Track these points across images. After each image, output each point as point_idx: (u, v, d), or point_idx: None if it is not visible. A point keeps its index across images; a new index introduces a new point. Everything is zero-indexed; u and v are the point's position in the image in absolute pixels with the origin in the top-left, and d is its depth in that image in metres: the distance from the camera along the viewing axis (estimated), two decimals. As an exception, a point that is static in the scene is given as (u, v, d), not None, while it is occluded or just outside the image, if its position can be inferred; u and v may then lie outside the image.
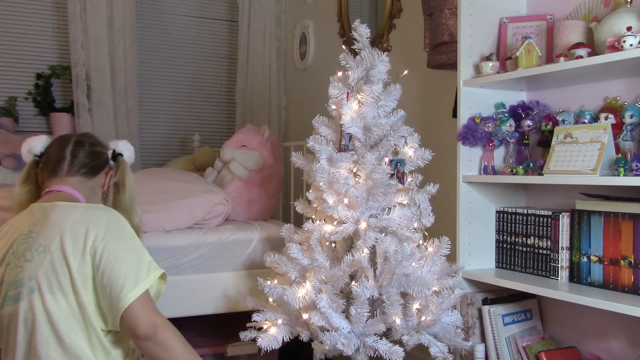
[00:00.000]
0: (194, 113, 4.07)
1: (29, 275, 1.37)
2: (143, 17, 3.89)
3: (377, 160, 1.92)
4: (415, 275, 1.89)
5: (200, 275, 2.37)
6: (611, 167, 1.67)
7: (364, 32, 1.99)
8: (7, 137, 3.27)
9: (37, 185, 1.64)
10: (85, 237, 1.39)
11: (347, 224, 1.93)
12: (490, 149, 2.05)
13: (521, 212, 1.99)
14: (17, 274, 1.39)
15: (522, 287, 1.84)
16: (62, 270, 1.37)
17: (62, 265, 1.37)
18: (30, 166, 1.65)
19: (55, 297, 1.36)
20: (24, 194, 1.62)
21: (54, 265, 1.37)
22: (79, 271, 1.37)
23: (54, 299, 1.36)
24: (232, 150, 2.90)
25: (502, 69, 2.02)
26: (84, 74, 3.50)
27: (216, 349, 2.49)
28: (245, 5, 4.00)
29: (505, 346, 1.97)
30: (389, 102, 2.02)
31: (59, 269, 1.37)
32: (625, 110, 1.72)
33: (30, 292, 1.37)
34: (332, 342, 1.79)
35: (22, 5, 3.59)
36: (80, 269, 1.37)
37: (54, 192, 1.55)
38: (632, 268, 1.66)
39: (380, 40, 2.99)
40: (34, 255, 1.39)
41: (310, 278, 1.94)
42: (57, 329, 1.36)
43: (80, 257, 1.38)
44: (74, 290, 1.37)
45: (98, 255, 1.38)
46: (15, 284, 1.39)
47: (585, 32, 1.85)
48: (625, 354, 1.82)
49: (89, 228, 1.41)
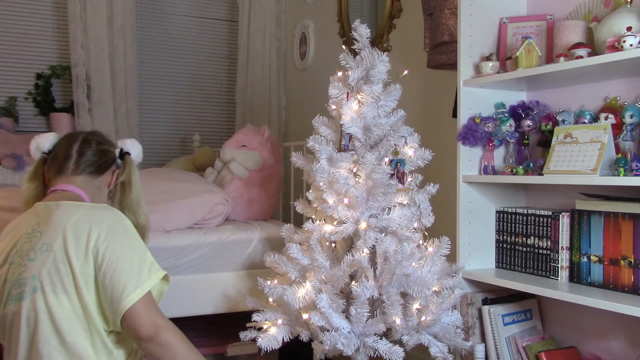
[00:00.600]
0: (194, 113, 4.07)
1: (32, 274, 1.37)
2: (143, 17, 3.89)
3: (377, 160, 1.92)
4: (415, 275, 1.89)
5: (200, 275, 2.37)
6: (611, 167, 1.67)
7: (364, 32, 1.99)
8: (7, 137, 3.27)
9: (44, 183, 1.63)
10: (88, 237, 1.39)
11: (347, 224, 1.93)
12: (490, 149, 2.05)
13: (521, 212, 1.99)
14: (21, 273, 1.39)
15: (522, 287, 1.84)
16: (64, 269, 1.37)
17: (65, 264, 1.37)
18: (37, 163, 1.64)
19: (57, 297, 1.36)
20: (31, 191, 1.61)
21: (57, 265, 1.37)
22: (81, 271, 1.37)
23: (57, 298, 1.36)
24: (232, 150, 2.90)
25: (502, 69, 2.02)
26: (84, 74, 3.50)
27: (216, 349, 2.49)
28: (245, 5, 4.00)
29: (505, 346, 1.97)
30: (389, 102, 2.02)
31: (62, 268, 1.37)
32: (625, 110, 1.72)
33: (33, 292, 1.37)
34: (332, 342, 1.79)
35: (22, 5, 3.59)
36: (83, 268, 1.37)
37: (59, 191, 1.55)
38: (632, 268, 1.66)
39: (380, 40, 2.99)
40: (37, 254, 1.39)
41: (310, 278, 1.94)
42: (60, 329, 1.36)
43: (83, 257, 1.37)
44: (76, 289, 1.37)
45: (100, 255, 1.38)
46: (19, 283, 1.39)
47: (585, 32, 1.85)
48: (625, 354, 1.82)
49: (91, 228, 1.40)
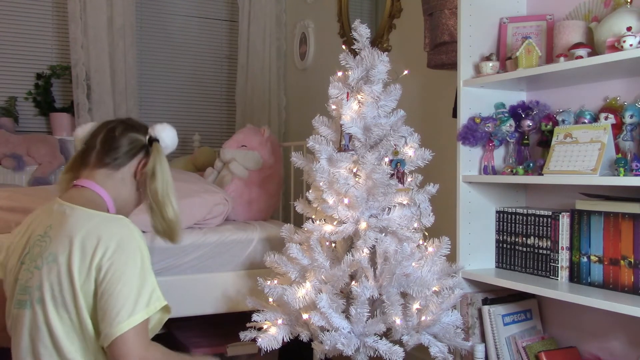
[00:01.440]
0: (194, 113, 4.07)
1: (37, 284, 1.36)
2: (143, 17, 3.89)
3: (377, 160, 1.92)
4: (415, 275, 1.89)
5: (200, 275, 2.37)
6: (611, 167, 1.67)
7: (364, 32, 1.99)
8: (7, 137, 3.27)
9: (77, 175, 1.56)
10: (94, 252, 1.34)
11: (347, 224, 1.93)
12: (490, 149, 2.05)
13: (521, 212, 1.99)
14: (28, 279, 1.39)
15: (522, 287, 1.84)
16: (67, 285, 1.34)
17: (67, 280, 1.33)
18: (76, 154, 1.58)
19: (58, 312, 1.34)
20: (64, 182, 1.56)
21: (60, 279, 1.34)
22: (82, 288, 1.33)
23: (57, 313, 1.34)
24: (232, 150, 2.90)
25: (502, 69, 2.02)
26: (84, 74, 3.50)
27: (216, 349, 2.49)
28: (245, 5, 4.00)
29: (505, 346, 1.97)
30: (389, 102, 2.02)
31: (64, 283, 1.34)
32: (625, 110, 1.72)
33: (36, 302, 1.36)
34: (332, 342, 1.79)
35: (22, 5, 3.59)
36: (85, 285, 1.33)
37: (79, 187, 1.49)
38: (632, 268, 1.66)
39: (380, 40, 2.99)
40: (44, 263, 1.37)
41: (310, 278, 1.94)
42: (60, 345, 1.34)
43: (86, 274, 1.33)
44: (76, 307, 1.34)
45: (102, 273, 1.33)
46: (24, 290, 1.39)
47: (585, 32, 1.85)
48: (625, 354, 1.82)
49: (99, 243, 1.35)
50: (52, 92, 3.62)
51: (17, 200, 2.25)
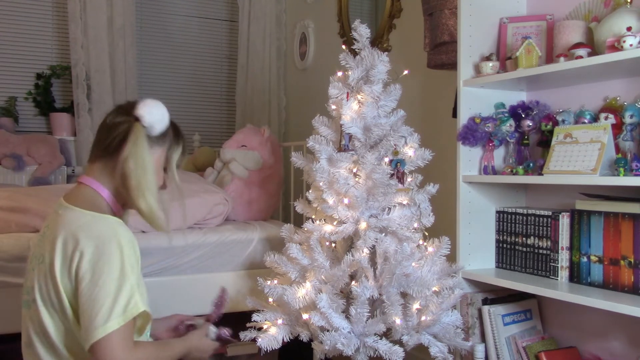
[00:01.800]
0: (194, 113, 4.07)
1: (31, 285, 1.38)
2: (143, 17, 3.89)
3: (377, 160, 1.92)
4: (415, 275, 1.89)
5: (200, 275, 2.37)
6: (611, 167, 1.67)
7: (364, 32, 1.99)
8: (7, 137, 3.27)
9: None
10: (72, 255, 1.29)
11: (347, 224, 1.93)
12: (490, 149, 2.05)
13: (521, 212, 1.99)
14: (29, 279, 1.40)
15: (522, 287, 1.84)
16: (51, 285, 1.33)
17: (51, 281, 1.32)
18: None
19: (49, 311, 1.34)
20: None
21: (47, 280, 1.33)
22: (65, 289, 1.31)
23: (48, 312, 1.34)
24: (232, 150, 2.90)
25: (502, 69, 2.02)
26: (84, 74, 3.51)
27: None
28: (245, 6, 4.00)
29: (505, 346, 1.97)
30: (389, 102, 2.02)
31: (50, 284, 1.33)
32: (625, 110, 1.72)
33: (32, 302, 1.37)
34: (332, 342, 1.79)
35: (22, 5, 3.59)
36: (67, 287, 1.32)
37: (80, 185, 1.44)
38: (632, 268, 1.65)
39: (380, 40, 2.99)
40: (36, 265, 1.38)
41: (310, 278, 1.94)
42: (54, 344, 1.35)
43: (67, 276, 1.31)
44: (61, 307, 1.33)
45: (80, 276, 1.29)
46: (26, 289, 1.41)
47: (585, 32, 1.85)
48: (625, 354, 1.82)
49: (77, 246, 1.29)
50: (52, 92, 3.62)
51: (17, 200, 2.25)
